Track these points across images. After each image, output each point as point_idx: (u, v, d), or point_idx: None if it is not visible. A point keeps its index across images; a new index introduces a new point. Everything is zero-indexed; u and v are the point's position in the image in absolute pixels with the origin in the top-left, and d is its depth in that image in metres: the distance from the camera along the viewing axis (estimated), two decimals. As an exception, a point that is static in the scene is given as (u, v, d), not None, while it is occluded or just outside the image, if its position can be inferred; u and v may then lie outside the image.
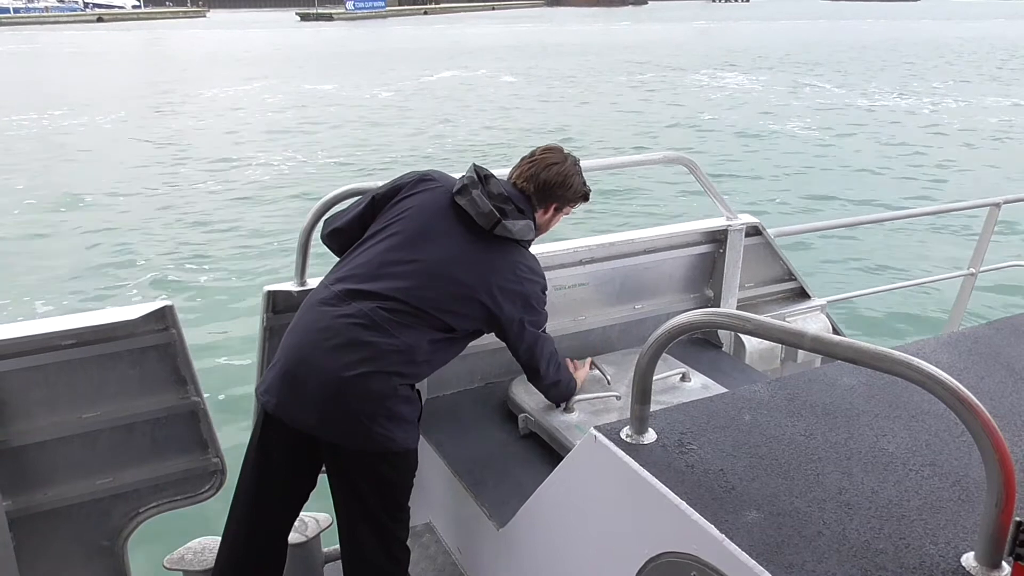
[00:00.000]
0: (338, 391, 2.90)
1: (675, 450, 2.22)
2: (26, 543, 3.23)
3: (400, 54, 54.64)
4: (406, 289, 3.02)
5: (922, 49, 54.75)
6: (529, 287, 3.23)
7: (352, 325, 2.95)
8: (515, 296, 3.18)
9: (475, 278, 3.12)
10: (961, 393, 1.65)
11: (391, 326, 2.97)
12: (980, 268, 5.60)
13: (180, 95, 35.82)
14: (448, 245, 3.13)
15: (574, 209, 3.55)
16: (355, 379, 2.90)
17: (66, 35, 79.38)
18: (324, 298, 3.06)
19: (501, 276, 3.16)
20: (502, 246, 3.19)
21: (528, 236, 3.27)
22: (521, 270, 3.22)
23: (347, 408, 2.91)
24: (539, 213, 3.40)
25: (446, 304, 3.06)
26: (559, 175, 3.37)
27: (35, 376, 3.13)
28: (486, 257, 3.16)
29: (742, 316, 2.02)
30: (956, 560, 1.79)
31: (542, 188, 3.36)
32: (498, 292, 3.14)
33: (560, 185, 3.37)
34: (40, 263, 13.84)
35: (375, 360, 2.92)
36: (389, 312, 2.98)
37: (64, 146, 24.42)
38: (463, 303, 3.10)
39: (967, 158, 21.96)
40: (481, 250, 3.16)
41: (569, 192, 3.41)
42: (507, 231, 3.16)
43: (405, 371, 2.99)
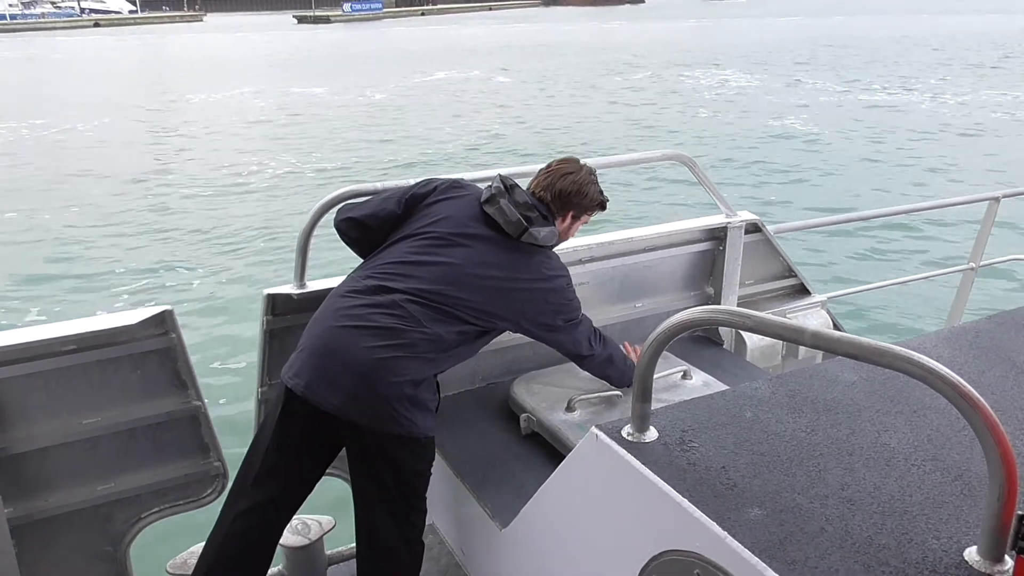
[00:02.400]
0: (368, 373, 2.98)
1: (677, 448, 2.21)
2: (28, 550, 3.23)
3: (396, 56, 54.65)
4: (437, 288, 3.14)
5: (919, 44, 54.70)
6: (556, 282, 3.38)
7: (382, 314, 3.06)
8: (544, 295, 3.34)
9: (505, 281, 3.25)
10: (962, 388, 1.64)
11: (421, 317, 3.08)
12: (980, 262, 5.60)
13: (175, 100, 35.84)
14: (478, 249, 3.26)
15: (592, 217, 3.64)
16: (384, 362, 2.99)
17: (61, 41, 79.39)
18: (354, 289, 3.16)
19: (529, 279, 3.30)
20: (528, 251, 3.32)
21: (552, 242, 3.40)
22: (547, 268, 3.36)
23: (375, 391, 2.98)
24: (557, 221, 3.48)
25: (476, 305, 3.18)
26: (574, 184, 3.48)
27: (35, 382, 3.13)
28: (514, 261, 3.28)
29: (742, 313, 2.02)
30: (959, 554, 1.78)
31: (559, 197, 3.46)
32: (527, 294, 3.30)
33: (576, 194, 3.48)
34: (37, 268, 13.85)
35: (405, 347, 3.03)
36: (420, 305, 3.10)
37: (59, 152, 24.44)
38: (492, 304, 3.23)
39: (967, 152, 21.95)
40: (509, 255, 3.29)
41: (585, 200, 3.52)
42: (534, 238, 3.29)
43: (432, 358, 3.10)
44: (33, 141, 26.56)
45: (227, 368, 9.80)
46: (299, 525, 3.79)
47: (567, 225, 3.55)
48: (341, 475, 3.88)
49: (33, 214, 17.30)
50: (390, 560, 3.18)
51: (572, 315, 3.44)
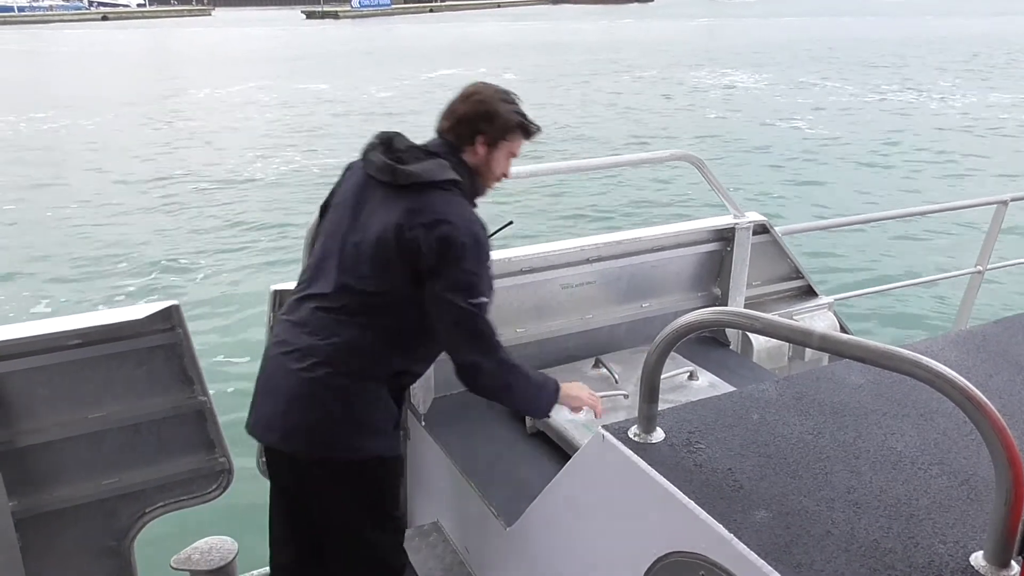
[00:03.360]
0: (295, 399, 2.85)
1: (683, 449, 2.21)
2: (32, 544, 3.24)
3: (403, 53, 54.65)
4: (335, 279, 2.89)
5: (927, 45, 54.62)
6: (446, 229, 2.78)
7: (300, 333, 2.89)
8: (431, 241, 2.78)
9: (383, 230, 2.83)
10: (969, 391, 1.64)
11: (331, 325, 2.86)
12: (988, 266, 5.58)
13: (183, 94, 35.89)
14: (361, 216, 2.93)
15: (520, 147, 3.12)
16: (307, 386, 2.82)
17: (69, 34, 79.50)
18: (285, 310, 3.04)
19: (409, 218, 2.81)
20: (416, 193, 2.85)
21: (440, 175, 2.87)
22: (432, 210, 2.82)
23: (305, 417, 2.84)
24: (469, 153, 3.01)
25: (368, 272, 2.85)
26: (478, 104, 2.99)
27: (41, 376, 3.13)
28: (395, 207, 2.85)
29: (750, 315, 2.02)
30: (965, 559, 1.78)
31: (461, 123, 2.99)
32: (407, 233, 2.79)
33: (482, 116, 2.98)
34: (43, 263, 13.87)
35: (322, 364, 2.82)
36: (326, 311, 2.88)
37: (61, 146, 24.48)
38: (380, 265, 2.84)
39: (976, 154, 21.91)
40: (392, 204, 2.86)
41: (496, 123, 2.99)
42: (409, 176, 2.85)
43: (359, 368, 2.86)
44: (36, 134, 26.60)
45: (233, 364, 9.80)
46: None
47: (483, 155, 3.01)
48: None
49: (38, 209, 17.33)
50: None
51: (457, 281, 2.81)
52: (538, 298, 4.15)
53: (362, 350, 2.86)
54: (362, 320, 2.86)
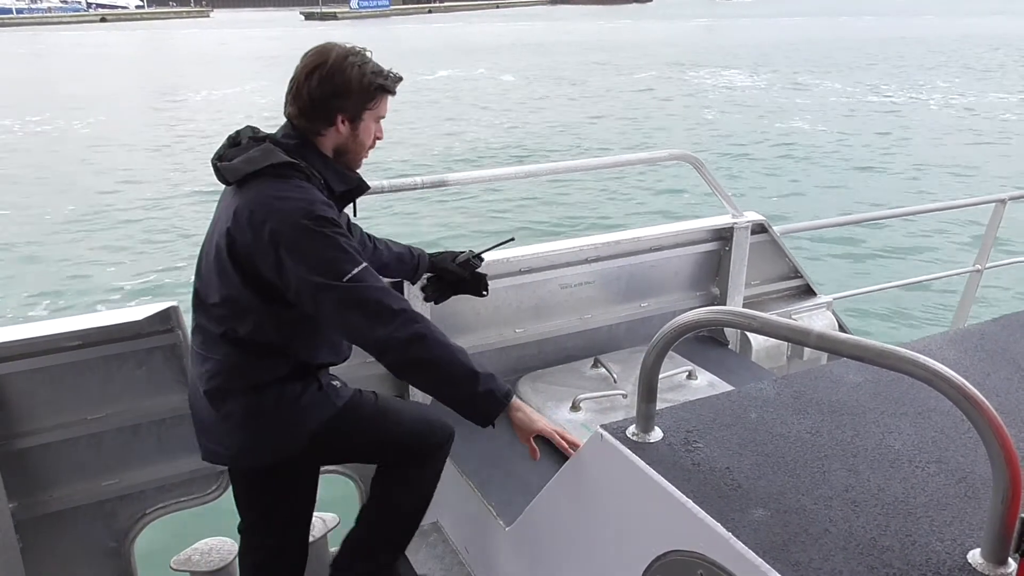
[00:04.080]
0: (211, 427, 2.83)
1: (681, 448, 2.22)
2: (32, 545, 3.24)
3: (402, 53, 54.64)
4: (194, 300, 2.80)
5: (924, 45, 54.63)
6: (274, 222, 2.55)
7: (195, 356, 2.83)
8: (263, 235, 2.56)
9: (219, 238, 2.66)
10: (967, 390, 1.64)
11: (206, 345, 2.76)
12: (986, 265, 5.59)
13: (179, 96, 35.85)
14: (213, 221, 2.78)
15: (386, 106, 2.86)
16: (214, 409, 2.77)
17: (68, 36, 79.45)
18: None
19: (235, 222, 2.60)
20: (248, 188, 2.63)
21: (264, 161, 2.61)
22: (253, 207, 2.58)
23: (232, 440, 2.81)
24: (330, 134, 2.78)
25: (215, 285, 2.69)
26: (325, 80, 2.69)
27: (40, 377, 3.13)
28: (228, 204, 2.68)
29: (748, 314, 2.02)
30: (962, 557, 1.79)
31: (313, 106, 2.72)
32: (238, 233, 2.60)
33: (334, 95, 2.70)
34: (41, 264, 13.87)
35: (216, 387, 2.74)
36: (199, 331, 2.78)
37: (58, 148, 24.47)
38: (222, 275, 2.66)
39: (974, 154, 21.92)
40: (227, 206, 2.67)
41: (352, 97, 2.73)
42: (232, 171, 2.64)
43: (243, 386, 2.73)
44: (32, 136, 26.58)
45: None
46: (303, 522, 3.80)
47: (347, 131, 2.78)
48: (345, 473, 3.90)
49: (35, 211, 17.32)
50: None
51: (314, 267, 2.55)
52: (537, 298, 4.15)
53: (235, 368, 2.73)
54: (223, 337, 2.71)
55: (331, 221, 2.60)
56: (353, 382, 3.75)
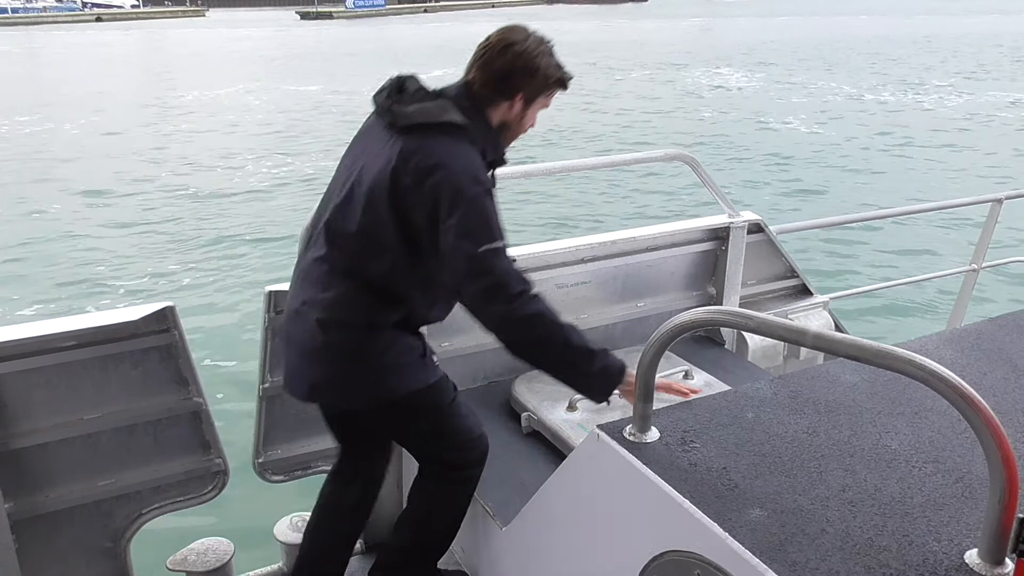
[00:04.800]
0: (304, 355, 2.87)
1: (678, 448, 2.22)
2: (28, 545, 3.23)
3: (398, 52, 54.58)
4: (328, 229, 2.82)
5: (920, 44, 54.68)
6: (440, 177, 2.64)
7: (304, 285, 2.88)
8: (425, 186, 2.65)
9: (377, 174, 2.72)
10: (964, 390, 1.64)
11: (325, 277, 2.79)
12: (982, 264, 5.59)
13: (173, 96, 35.77)
14: (360, 161, 2.84)
15: (552, 99, 2.99)
16: (315, 340, 2.80)
17: (63, 35, 79.33)
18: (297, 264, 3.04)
19: (403, 163, 2.68)
20: (417, 136, 2.72)
21: (441, 116, 2.72)
22: (427, 155, 2.67)
23: (320, 373, 2.86)
24: (502, 109, 2.87)
25: (358, 219, 2.75)
26: (519, 58, 2.81)
27: (36, 378, 3.12)
28: (393, 151, 2.72)
29: (744, 314, 2.02)
30: (959, 557, 1.79)
31: (499, 78, 2.82)
32: (399, 176, 2.67)
33: (522, 72, 2.81)
34: (38, 265, 13.85)
35: (324, 318, 2.77)
36: (320, 262, 2.81)
37: (58, 147, 24.42)
38: (371, 211, 2.72)
39: (970, 153, 21.94)
40: (391, 148, 2.73)
41: (536, 78, 2.84)
42: (407, 116, 2.72)
43: (353, 322, 2.78)
44: (26, 137, 26.52)
45: (229, 365, 9.80)
46: (299, 522, 3.80)
47: (518, 111, 2.88)
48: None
49: (30, 211, 17.30)
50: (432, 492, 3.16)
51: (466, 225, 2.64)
52: None
53: (356, 303, 2.78)
54: (351, 271, 2.78)
55: (489, 190, 2.74)
56: None
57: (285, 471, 3.77)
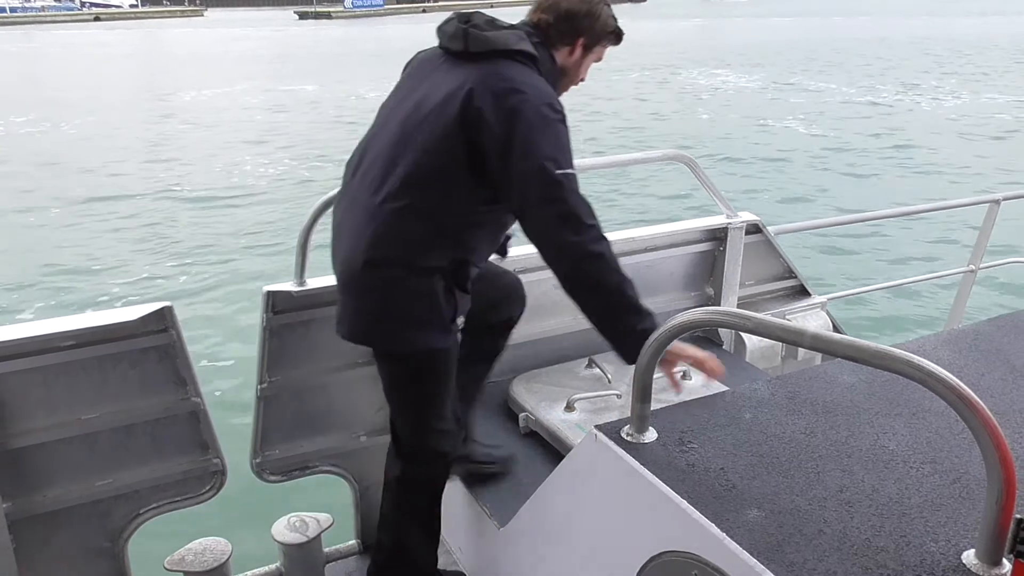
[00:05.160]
0: (345, 288, 2.87)
1: (676, 449, 2.22)
2: (26, 545, 3.23)
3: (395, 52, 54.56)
4: (384, 158, 2.76)
5: (917, 45, 54.72)
6: (518, 98, 2.62)
7: (348, 216, 2.84)
8: (502, 107, 2.62)
9: (445, 99, 2.68)
10: (961, 390, 1.65)
11: (375, 208, 2.72)
12: (980, 265, 5.59)
13: (170, 96, 35.75)
14: (422, 89, 2.79)
15: (605, 52, 3.05)
16: (354, 273, 2.79)
17: (61, 34, 79.31)
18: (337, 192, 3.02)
19: (479, 79, 2.66)
20: (488, 62, 2.71)
21: (516, 44, 2.74)
22: (503, 78, 2.66)
23: (357, 307, 2.85)
24: (563, 52, 2.91)
25: (421, 146, 2.69)
26: (584, 2, 2.87)
27: (34, 377, 3.12)
28: (463, 75, 2.70)
29: (742, 315, 2.02)
30: (957, 557, 1.79)
31: (564, 18, 2.86)
32: (475, 98, 2.64)
33: (587, 15, 2.87)
34: (35, 265, 13.84)
35: (365, 251, 2.73)
36: (373, 193, 2.74)
37: (54, 148, 24.39)
38: (437, 138, 2.68)
39: (968, 154, 21.96)
40: (460, 72, 2.72)
41: (598, 24, 2.90)
42: (484, 41, 2.71)
43: (398, 258, 2.73)
44: (23, 137, 26.51)
45: (227, 365, 9.79)
46: (297, 523, 3.79)
47: (577, 57, 2.94)
48: (339, 472, 3.89)
49: (27, 211, 17.30)
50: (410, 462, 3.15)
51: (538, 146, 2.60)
52: (531, 298, 4.13)
53: (407, 236, 2.72)
54: (409, 202, 2.70)
55: (564, 118, 2.70)
56: (351, 380, 3.76)
57: (283, 471, 3.77)
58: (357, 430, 3.87)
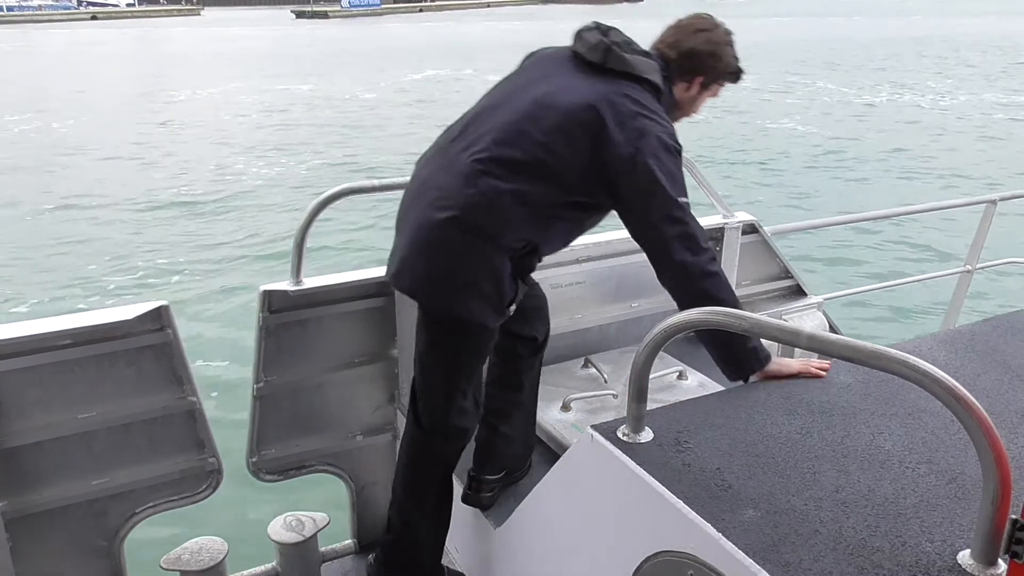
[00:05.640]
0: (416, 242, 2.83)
1: (672, 449, 2.22)
2: (22, 544, 3.23)
3: (391, 52, 54.55)
4: (499, 134, 2.79)
5: (914, 45, 54.74)
6: (646, 123, 2.72)
7: (444, 174, 2.82)
8: (629, 127, 2.72)
9: (576, 101, 2.76)
10: (957, 391, 1.65)
11: (476, 176, 2.74)
12: (976, 265, 5.60)
13: (164, 95, 35.68)
14: (549, 85, 2.85)
15: (721, 90, 3.17)
16: (434, 229, 2.77)
17: (58, 33, 79.19)
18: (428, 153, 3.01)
19: (612, 96, 2.76)
20: (616, 79, 2.81)
21: (652, 75, 2.86)
22: (635, 100, 2.77)
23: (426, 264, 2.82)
24: (680, 87, 3.04)
25: (541, 137, 2.75)
26: (709, 43, 3.00)
27: (31, 376, 3.12)
28: (596, 85, 2.79)
29: (739, 315, 2.02)
30: (952, 558, 1.79)
31: (687, 56, 2.98)
32: (606, 112, 2.73)
33: (710, 55, 3.00)
34: (32, 264, 13.83)
35: (453, 211, 2.73)
36: (478, 161, 2.75)
37: (50, 147, 24.34)
38: (560, 134, 2.75)
39: (964, 154, 21.97)
40: (592, 82, 2.81)
41: (720, 64, 3.03)
42: (623, 62, 2.82)
43: (482, 227, 2.74)
44: (17, 136, 26.45)
45: (223, 365, 9.78)
46: (293, 522, 3.79)
47: (693, 93, 3.07)
48: (335, 472, 3.89)
49: (22, 211, 17.27)
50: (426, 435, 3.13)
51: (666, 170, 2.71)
52: None
53: (498, 211, 2.74)
54: (512, 181, 2.74)
55: (681, 150, 2.83)
56: (347, 379, 3.76)
57: (279, 471, 3.77)
58: (353, 429, 3.87)
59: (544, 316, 3.35)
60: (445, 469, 3.19)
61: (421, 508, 3.20)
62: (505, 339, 3.16)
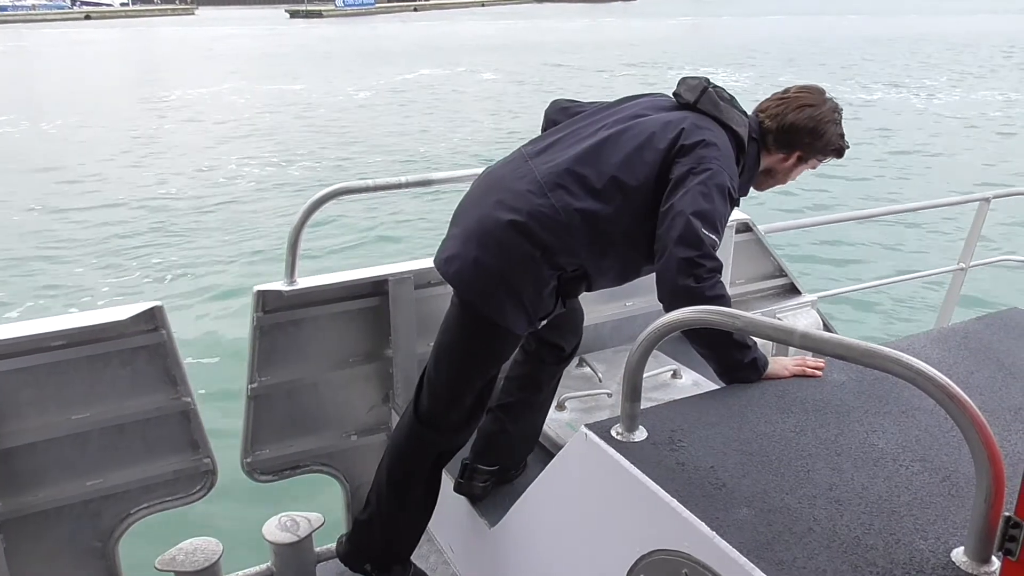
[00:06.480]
0: (473, 235, 2.84)
1: (666, 447, 2.22)
2: (16, 545, 3.22)
3: (386, 51, 54.53)
4: (580, 153, 2.83)
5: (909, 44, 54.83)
6: (713, 159, 2.75)
7: (517, 179, 2.85)
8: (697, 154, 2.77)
9: (660, 128, 2.83)
10: (950, 389, 1.65)
11: (549, 188, 2.77)
12: (970, 263, 5.61)
13: (158, 95, 35.64)
14: (641, 118, 2.91)
15: (821, 164, 3.15)
16: (497, 229, 2.77)
17: (51, 33, 79.07)
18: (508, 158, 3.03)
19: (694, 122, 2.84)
20: (703, 118, 2.88)
21: (738, 127, 2.92)
22: (709, 133, 2.82)
23: (479, 255, 2.81)
24: (777, 157, 3.06)
25: (619, 160, 2.79)
26: (811, 120, 2.97)
27: (25, 377, 3.11)
28: (683, 118, 2.86)
29: (732, 313, 2.02)
30: (946, 555, 1.80)
31: (787, 130, 2.98)
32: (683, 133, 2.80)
33: (810, 132, 2.97)
34: (25, 265, 13.80)
35: (519, 217, 2.75)
36: (557, 175, 2.79)
37: (42, 147, 24.30)
38: (636, 156, 2.80)
39: (958, 152, 22.00)
40: (676, 115, 2.89)
41: (820, 142, 3.00)
42: (715, 106, 2.89)
43: (541, 240, 2.75)
44: (11, 136, 26.39)
45: (217, 365, 9.77)
46: (288, 522, 3.79)
47: (789, 165, 3.07)
48: (329, 472, 3.89)
49: (16, 209, 17.24)
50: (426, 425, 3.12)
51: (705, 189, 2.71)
52: None
53: (562, 227, 2.76)
54: (584, 200, 2.77)
55: (735, 200, 2.84)
56: (341, 379, 3.75)
57: (274, 471, 3.76)
58: (348, 429, 3.87)
59: (576, 329, 3.33)
60: (434, 462, 3.18)
61: (399, 494, 3.19)
62: (533, 341, 3.18)
